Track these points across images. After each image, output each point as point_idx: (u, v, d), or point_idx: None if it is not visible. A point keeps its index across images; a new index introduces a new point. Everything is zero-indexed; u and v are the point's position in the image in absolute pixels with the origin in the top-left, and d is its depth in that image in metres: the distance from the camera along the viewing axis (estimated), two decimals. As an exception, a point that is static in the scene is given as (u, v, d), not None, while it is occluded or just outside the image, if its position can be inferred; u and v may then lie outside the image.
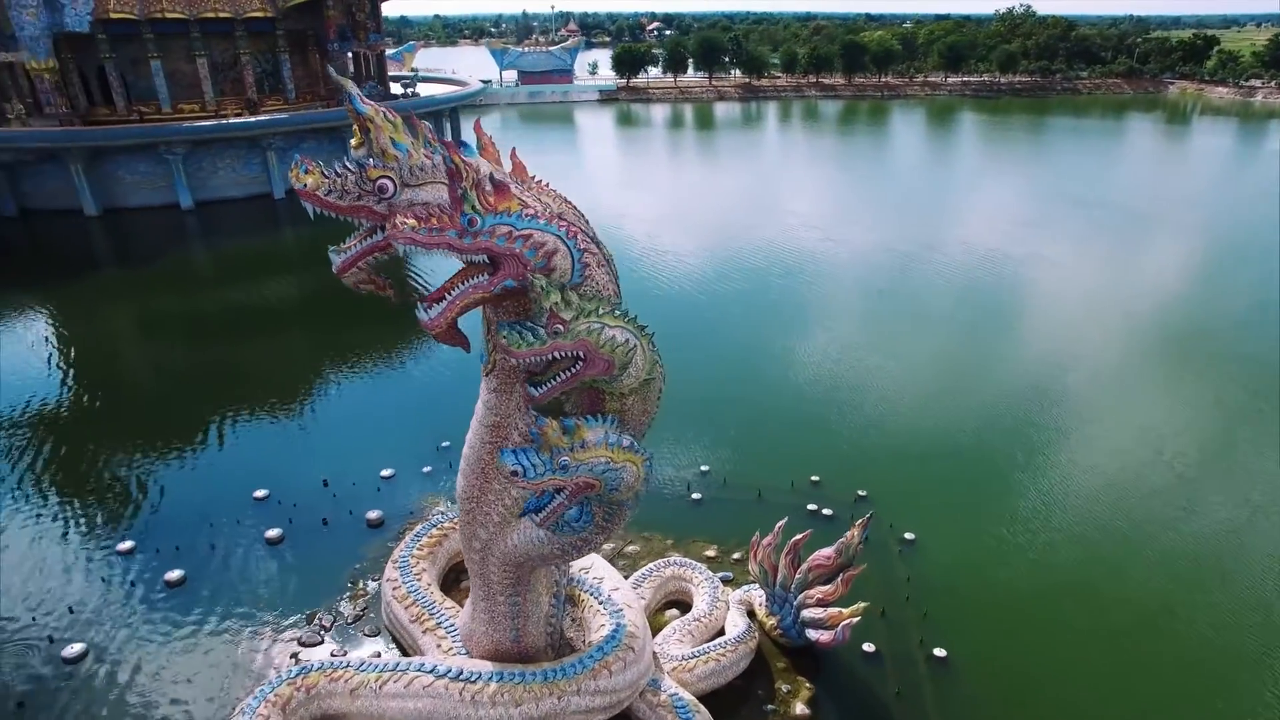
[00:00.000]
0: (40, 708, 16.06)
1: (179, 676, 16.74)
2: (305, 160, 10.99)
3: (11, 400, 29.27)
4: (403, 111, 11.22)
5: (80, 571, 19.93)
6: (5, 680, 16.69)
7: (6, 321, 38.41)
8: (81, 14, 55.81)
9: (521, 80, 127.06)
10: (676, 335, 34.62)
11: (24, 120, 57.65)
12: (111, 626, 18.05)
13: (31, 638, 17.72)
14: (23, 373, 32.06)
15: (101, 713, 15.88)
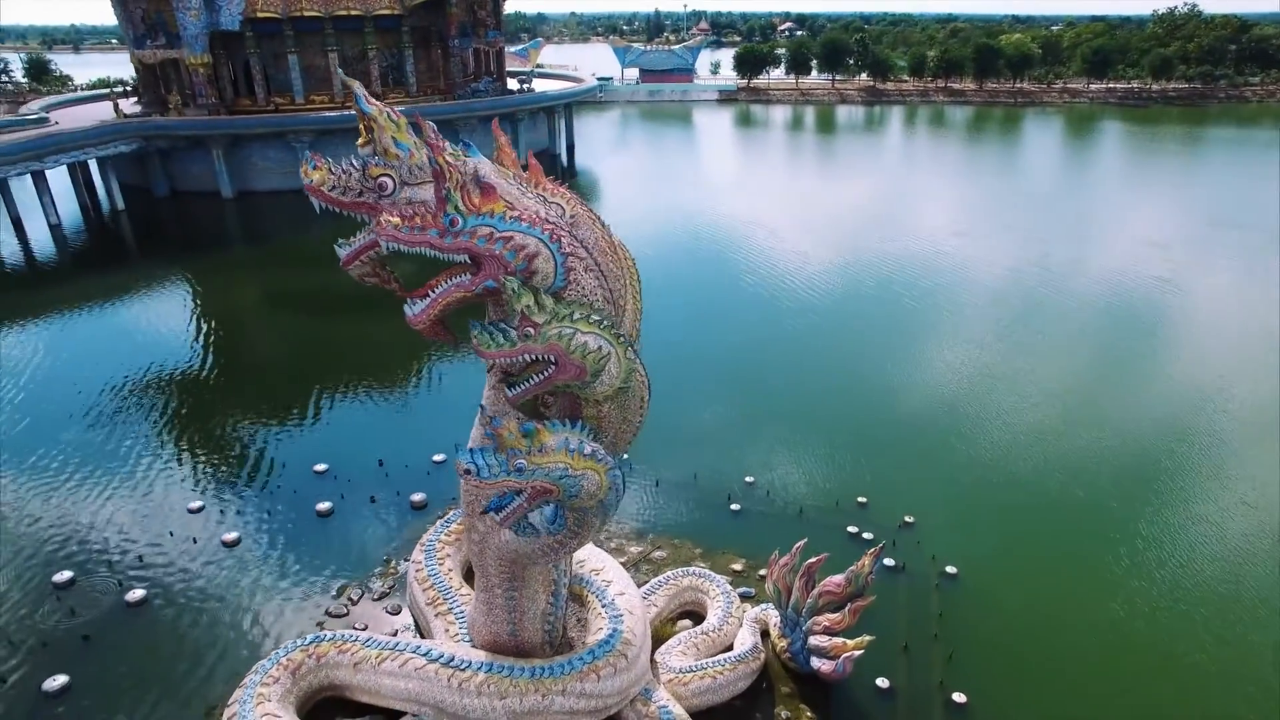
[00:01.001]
0: (103, 643, 17.65)
1: (221, 629, 18.02)
2: (315, 157, 11.52)
3: (141, 359, 32.47)
4: (408, 114, 11.53)
5: (155, 524, 21.72)
6: (77, 616, 18.43)
7: (154, 288, 43.49)
8: (234, 14, 60.58)
9: (642, 78, 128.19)
10: (754, 341, 34.16)
11: (179, 110, 63.15)
12: (171, 578, 19.60)
13: (102, 581, 19.48)
14: (155, 335, 35.90)
15: (152, 653, 17.32)
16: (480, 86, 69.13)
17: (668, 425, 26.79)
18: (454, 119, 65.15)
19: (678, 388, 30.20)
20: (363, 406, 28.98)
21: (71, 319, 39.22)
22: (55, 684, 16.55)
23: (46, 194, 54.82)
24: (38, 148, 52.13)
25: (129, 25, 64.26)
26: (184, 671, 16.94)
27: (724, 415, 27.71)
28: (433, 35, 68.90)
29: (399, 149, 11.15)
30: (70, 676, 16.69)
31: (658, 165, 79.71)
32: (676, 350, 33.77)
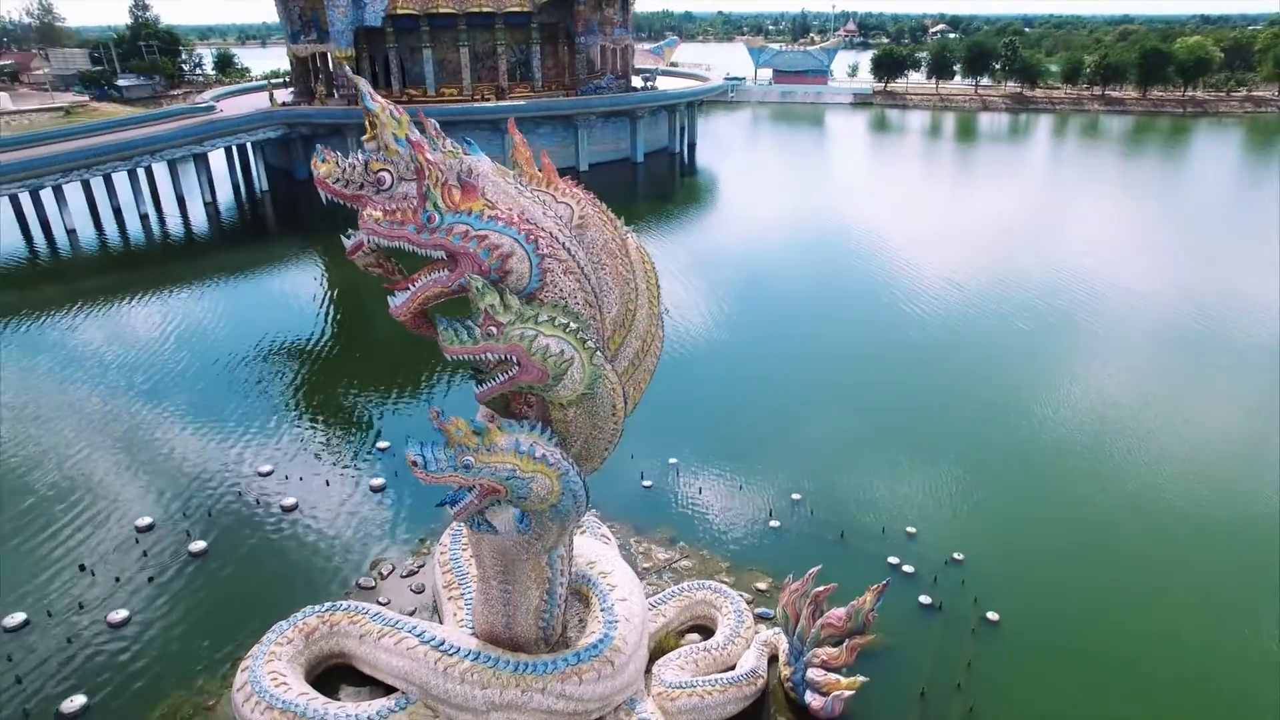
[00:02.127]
0: (164, 586, 19.33)
1: (264, 586, 19.36)
2: (325, 151, 11.98)
3: (264, 329, 35.63)
4: (406, 111, 11.82)
5: (229, 482, 23.49)
6: (147, 558, 20.24)
7: (288, 263, 48.24)
8: (378, 10, 64.32)
9: (775, 79, 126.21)
10: (835, 354, 32.97)
11: (322, 100, 67.85)
12: (231, 534, 21.16)
13: (171, 533, 21.27)
14: (283, 307, 39.67)
15: (202, 601, 18.85)
16: (602, 83, 70.18)
17: (725, 432, 26.52)
18: (573, 114, 66.60)
19: (745, 393, 29.72)
20: (455, 389, 29.83)
21: (215, 287, 43.22)
22: (118, 617, 18.29)
23: (206, 175, 60.40)
24: (200, 133, 57.54)
25: (288, 22, 69.61)
26: (224, 621, 18.24)
27: (786, 427, 26.91)
28: (560, 32, 70.58)
29: (398, 145, 11.43)
30: (130, 611, 18.39)
31: (781, 168, 78.26)
32: (752, 356, 33.16)
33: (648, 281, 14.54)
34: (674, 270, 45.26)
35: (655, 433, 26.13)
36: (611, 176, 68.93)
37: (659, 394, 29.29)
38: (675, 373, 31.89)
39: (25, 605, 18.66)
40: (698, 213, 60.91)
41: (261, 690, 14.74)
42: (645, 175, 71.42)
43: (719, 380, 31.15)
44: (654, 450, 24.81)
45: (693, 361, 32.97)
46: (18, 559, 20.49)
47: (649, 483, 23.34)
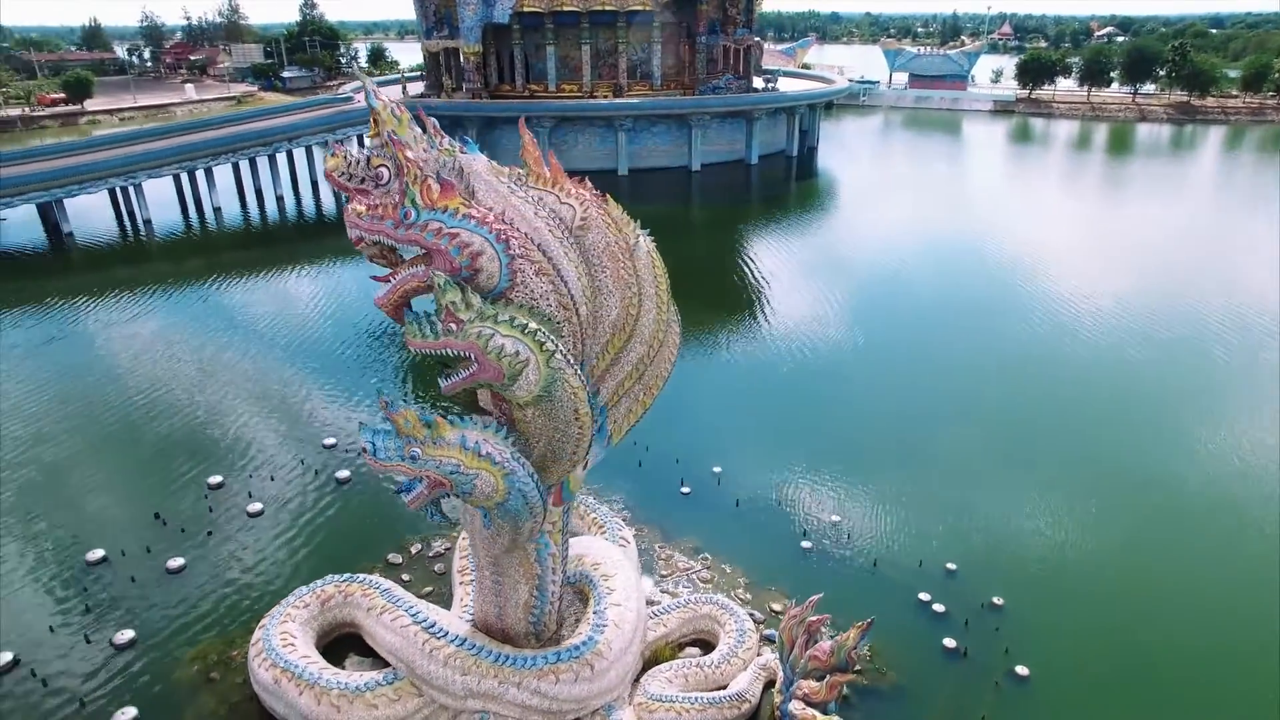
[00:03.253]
0: (221, 539, 20.95)
1: (308, 549, 20.65)
2: (335, 145, 12.54)
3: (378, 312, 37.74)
4: (409, 107, 12.15)
5: (294, 453, 25.09)
6: (212, 513, 21.97)
7: None
8: (505, 7, 66.62)
9: (910, 84, 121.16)
10: (916, 375, 31.37)
11: (449, 93, 71.01)
12: (287, 499, 22.61)
13: (236, 492, 22.96)
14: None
15: (253, 557, 20.33)
16: (720, 83, 69.66)
17: (776, 444, 25.88)
18: (687, 113, 66.55)
19: (807, 406, 28.87)
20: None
21: (336, 265, 46.44)
22: (175, 564, 19.98)
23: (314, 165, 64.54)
24: (329, 123, 61.66)
25: (423, 18, 73.26)
26: (265, 579, 19.57)
27: (840, 444, 25.89)
28: (681, 31, 70.63)
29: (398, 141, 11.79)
30: (185, 560, 20.04)
31: (908, 176, 74.71)
32: (825, 368, 32.10)
33: (657, 286, 14.39)
34: (765, 275, 44.64)
35: (704, 439, 25.95)
36: (723, 177, 68.47)
37: (714, 399, 29.54)
38: (738, 379, 31.49)
39: (105, 543, 20.67)
40: (809, 218, 59.24)
41: (270, 648, 15.71)
42: (758, 177, 70.38)
43: (782, 390, 30.35)
44: (700, 456, 24.54)
45: (760, 369, 32.31)
46: (111, 501, 22.77)
47: (687, 489, 23.09)
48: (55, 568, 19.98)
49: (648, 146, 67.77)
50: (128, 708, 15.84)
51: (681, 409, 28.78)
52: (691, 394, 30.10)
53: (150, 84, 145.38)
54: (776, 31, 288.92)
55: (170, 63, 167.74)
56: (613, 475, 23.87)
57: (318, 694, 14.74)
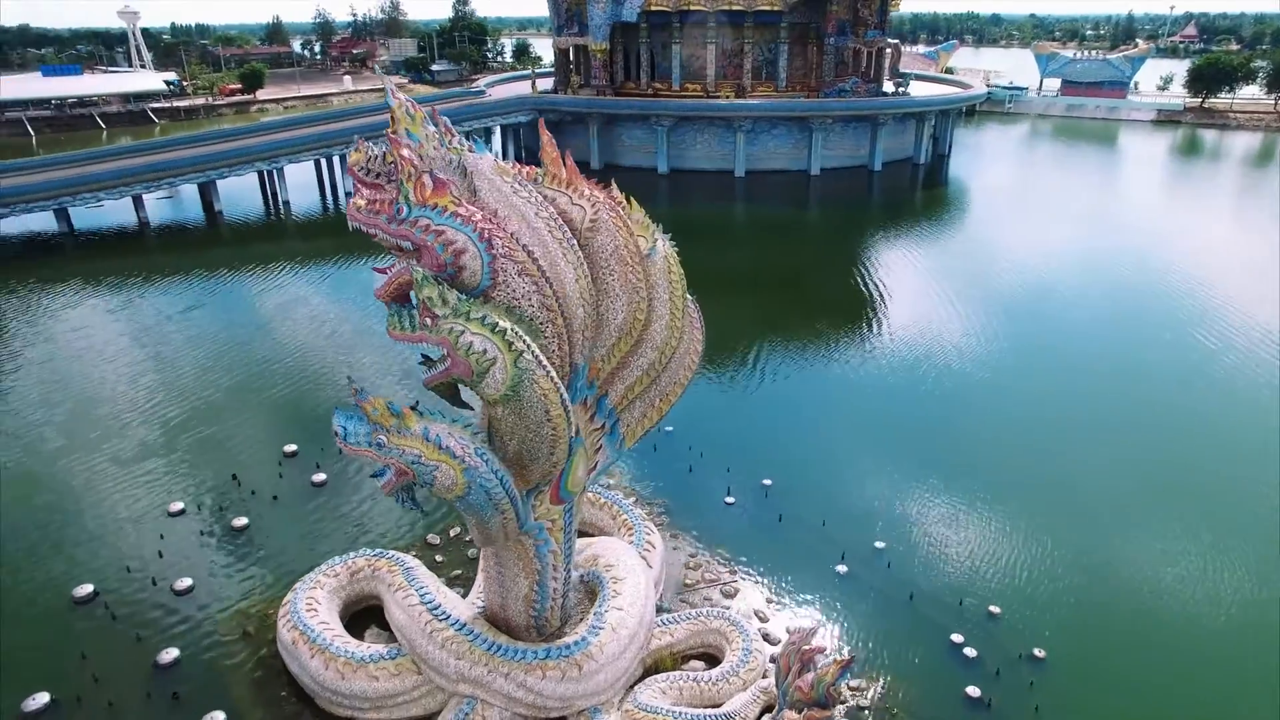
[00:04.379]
0: (285, 505, 22.46)
1: (361, 520, 21.81)
2: (359, 141, 13.07)
3: None
4: (423, 103, 12.47)
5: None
6: (281, 479, 23.57)
7: None
8: (634, 6, 67.33)
9: (1063, 90, 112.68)
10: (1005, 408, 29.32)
11: (575, 89, 72.58)
12: (350, 472, 23.90)
13: (307, 462, 24.49)
14: None
15: (312, 522, 21.71)
16: (846, 86, 67.48)
17: (834, 462, 24.95)
18: (809, 116, 64.99)
19: (876, 425, 27.57)
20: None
21: None
22: (239, 523, 21.59)
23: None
24: (455, 115, 64.26)
25: (555, 16, 75.20)
26: (316, 545, 20.80)
27: (902, 469, 24.52)
28: (810, 32, 68.94)
29: (410, 139, 12.20)
30: (249, 520, 21.62)
31: (1050, 190, 69.04)
32: (906, 388, 30.50)
33: (671, 293, 14.23)
34: (873, 287, 42.54)
35: (761, 449, 25.35)
36: (843, 183, 66.23)
37: (782, 410, 28.71)
38: (815, 391, 30.50)
39: (187, 498, 22.65)
40: (931, 229, 56.00)
41: (294, 611, 16.70)
42: (881, 185, 67.66)
43: (857, 406, 29.14)
44: (752, 467, 24.01)
45: (841, 383, 31.21)
46: (201, 461, 24.87)
47: (732, 499, 22.63)
48: (141, 515, 22.05)
49: (767, 149, 66.67)
50: (172, 648, 17.30)
51: (745, 417, 28.33)
52: (759, 403, 29.58)
53: (316, 75, 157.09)
54: (929, 34, 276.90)
55: (336, 56, 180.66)
56: (660, 478, 23.81)
57: (326, 659, 15.54)
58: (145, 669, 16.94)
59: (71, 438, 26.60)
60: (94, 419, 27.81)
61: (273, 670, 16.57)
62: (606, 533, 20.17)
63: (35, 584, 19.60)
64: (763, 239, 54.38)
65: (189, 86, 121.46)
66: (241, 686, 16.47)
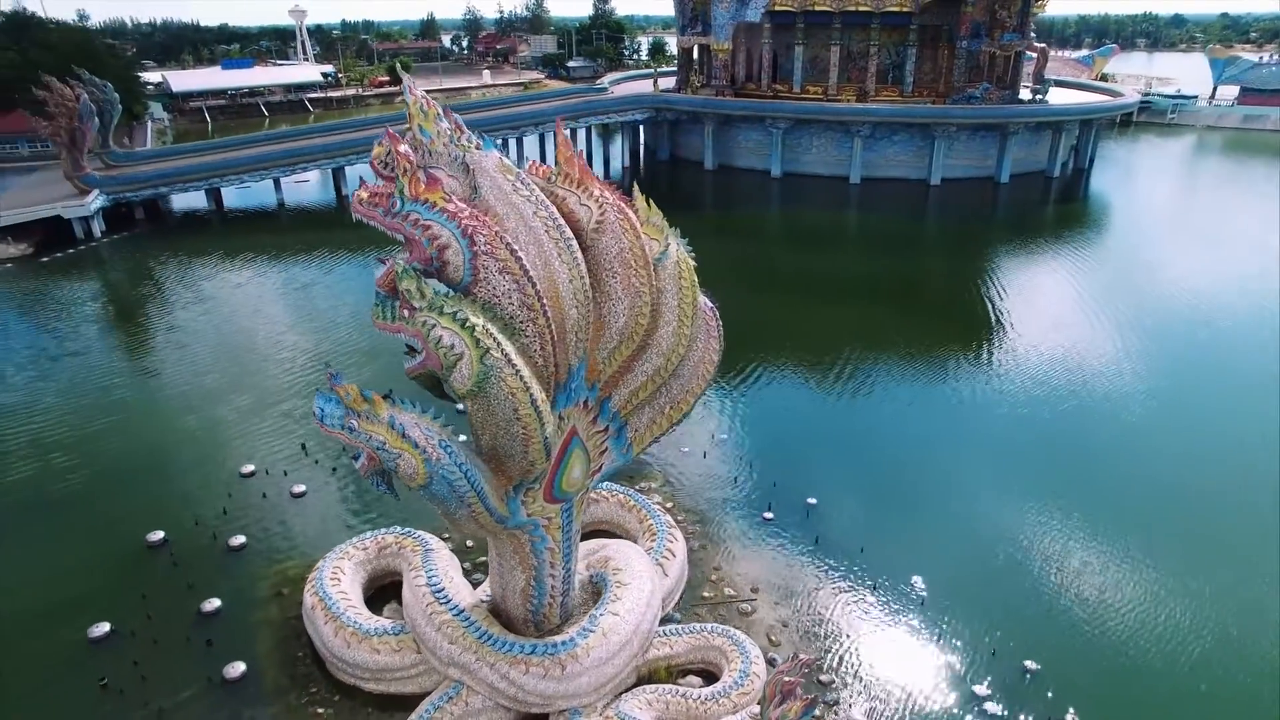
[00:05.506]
0: (339, 476, 23.71)
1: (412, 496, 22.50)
2: (389, 131, 13.56)
3: None
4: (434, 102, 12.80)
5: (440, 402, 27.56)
6: (344, 456, 24.89)
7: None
8: (758, 6, 66.43)
9: (1241, 99, 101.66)
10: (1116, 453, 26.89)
11: (694, 89, 72.45)
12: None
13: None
14: None
15: (362, 492, 22.78)
16: (976, 93, 63.77)
17: (894, 489, 23.75)
18: (932, 122, 61.96)
19: (951, 452, 26.01)
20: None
21: None
22: (298, 490, 23.04)
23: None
24: (575, 110, 65.91)
25: (680, 15, 75.25)
26: (363, 515, 21.91)
27: (971, 503, 23.02)
28: (941, 35, 65.68)
29: (423, 135, 12.65)
30: (307, 488, 23.03)
31: (1215, 213, 61.89)
32: (999, 419, 28.60)
33: (680, 299, 14.05)
34: (988, 306, 39.70)
35: (813, 466, 24.62)
36: (966, 195, 62.51)
37: (845, 429, 27.54)
38: (891, 410, 29.05)
39: (256, 461, 24.36)
40: (1063, 249, 50.38)
41: (319, 578, 17.67)
42: (1007, 198, 63.42)
43: (932, 431, 27.46)
44: (799, 484, 23.28)
45: (925, 405, 29.45)
46: (277, 428, 26.68)
47: (771, 514, 22.02)
48: (218, 473, 23.90)
49: (885, 155, 64.14)
50: (215, 598, 18.70)
51: (809, 431, 27.50)
52: (830, 418, 28.54)
53: (461, 69, 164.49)
54: (1096, 37, 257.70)
55: (481, 51, 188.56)
56: (703, 485, 23.52)
57: (337, 627, 16.35)
58: (190, 614, 18.38)
59: (182, 395, 29.30)
60: (204, 382, 30.47)
61: (295, 631, 17.57)
62: (631, 536, 20.11)
63: (120, 525, 21.64)
64: (874, 249, 52.27)
65: (342, 78, 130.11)
66: (267, 642, 17.57)
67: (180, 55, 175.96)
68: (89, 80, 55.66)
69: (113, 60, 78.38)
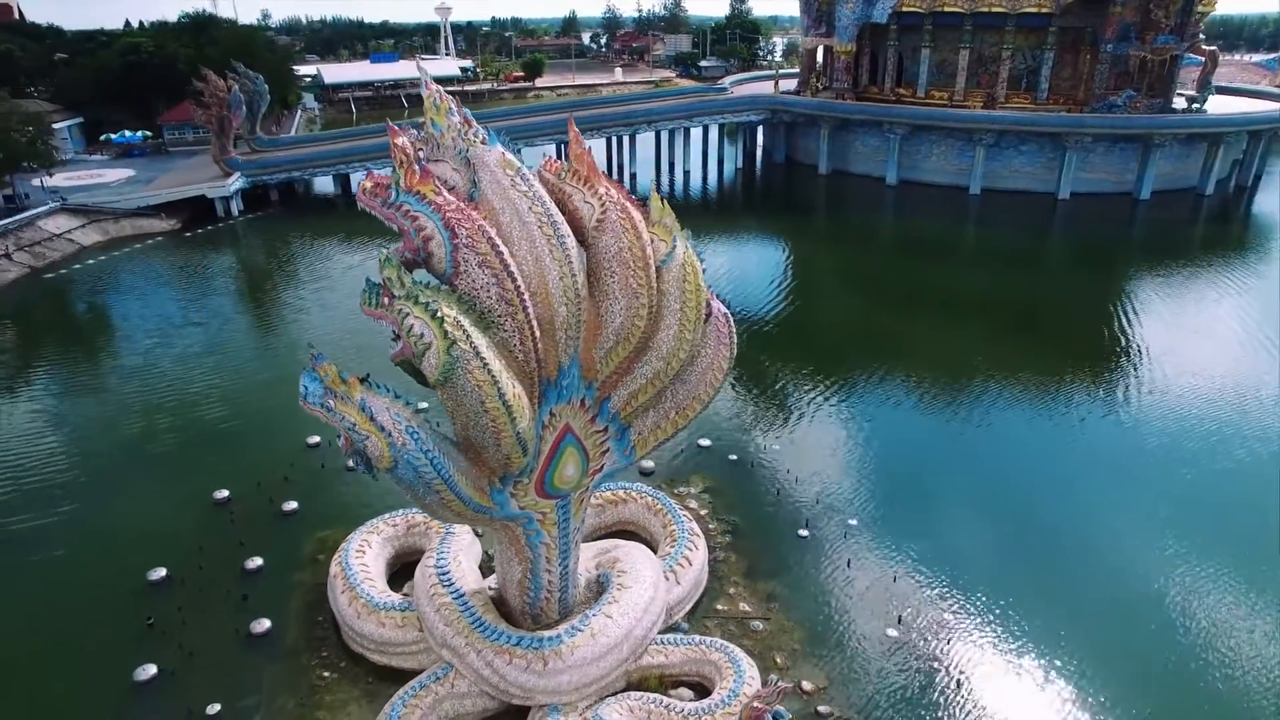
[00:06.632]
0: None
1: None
2: (409, 129, 14.06)
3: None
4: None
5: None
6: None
7: (743, 239, 53.17)
8: (885, 7, 64.03)
9: None
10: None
11: (815, 90, 70.74)
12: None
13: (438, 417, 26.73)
14: (739, 278, 43.55)
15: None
16: (1119, 101, 58.70)
17: (952, 519, 22.42)
18: (1063, 132, 57.66)
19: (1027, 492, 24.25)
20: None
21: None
22: (351, 463, 24.13)
23: (692, 146, 68.94)
24: (689, 110, 65.87)
25: (805, 15, 73.55)
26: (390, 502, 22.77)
27: (1031, 549, 21.33)
28: (1084, 38, 60.88)
29: (434, 129, 13.02)
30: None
31: None
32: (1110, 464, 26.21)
33: (684, 303, 13.84)
34: (1108, 338, 35.90)
35: (864, 486, 23.50)
36: (1099, 211, 57.42)
37: (914, 449, 25.95)
38: (971, 438, 27.13)
39: (323, 434, 25.77)
40: (1214, 278, 44.97)
41: (346, 549, 18.59)
42: (1148, 217, 57.90)
43: (1011, 465, 25.56)
44: (843, 503, 22.43)
45: (1015, 435, 27.42)
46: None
47: (806, 532, 21.25)
48: (283, 443, 25.46)
49: (1010, 166, 60.33)
50: (258, 557, 20.01)
51: (875, 449, 26.20)
52: (897, 439, 26.92)
53: (595, 66, 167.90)
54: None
55: (618, 48, 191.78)
56: (743, 496, 23.02)
57: (351, 597, 17.13)
58: (235, 569, 19.77)
59: (278, 367, 31.53)
60: (300, 356, 32.50)
61: (321, 596, 18.52)
62: (654, 538, 19.97)
63: (195, 482, 23.52)
64: (992, 264, 48.60)
65: (480, 73, 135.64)
66: (295, 604, 18.66)
67: (339, 49, 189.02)
68: (242, 73, 60.72)
69: (269, 55, 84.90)
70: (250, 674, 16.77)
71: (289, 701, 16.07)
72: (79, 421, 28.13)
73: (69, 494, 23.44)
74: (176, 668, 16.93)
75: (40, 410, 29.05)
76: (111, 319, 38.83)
